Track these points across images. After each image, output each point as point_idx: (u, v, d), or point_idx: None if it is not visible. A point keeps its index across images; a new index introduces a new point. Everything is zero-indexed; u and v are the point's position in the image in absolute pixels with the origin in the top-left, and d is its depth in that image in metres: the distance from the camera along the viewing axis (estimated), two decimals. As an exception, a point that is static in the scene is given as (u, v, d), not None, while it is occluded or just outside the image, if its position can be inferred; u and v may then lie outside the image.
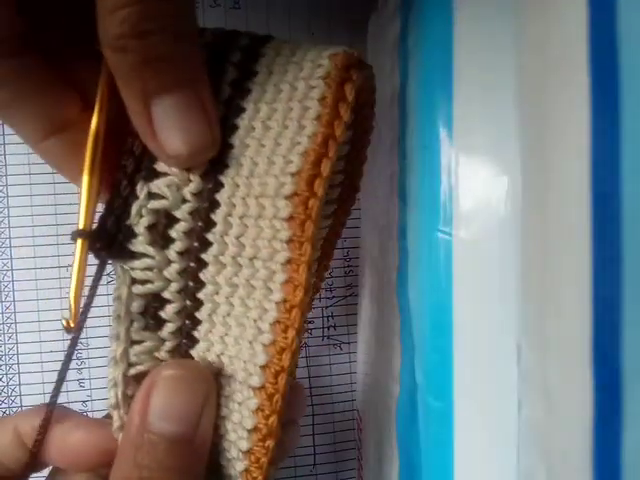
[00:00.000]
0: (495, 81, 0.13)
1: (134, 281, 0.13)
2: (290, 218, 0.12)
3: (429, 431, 0.14)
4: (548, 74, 0.11)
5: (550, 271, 0.11)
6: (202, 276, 0.13)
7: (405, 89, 0.16)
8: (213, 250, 0.13)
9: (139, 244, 0.13)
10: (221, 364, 0.13)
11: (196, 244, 0.13)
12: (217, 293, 0.13)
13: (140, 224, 0.13)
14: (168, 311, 0.13)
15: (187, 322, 0.14)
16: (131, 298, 0.13)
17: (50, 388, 0.22)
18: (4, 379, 0.22)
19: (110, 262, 0.13)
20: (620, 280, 0.09)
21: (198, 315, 0.13)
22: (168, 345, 0.14)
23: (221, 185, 0.13)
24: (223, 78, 0.13)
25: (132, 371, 0.13)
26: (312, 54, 0.13)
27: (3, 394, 0.22)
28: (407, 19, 0.17)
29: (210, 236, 0.13)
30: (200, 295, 0.13)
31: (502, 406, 0.13)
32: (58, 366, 0.23)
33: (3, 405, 0.22)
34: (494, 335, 0.13)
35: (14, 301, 0.22)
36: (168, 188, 0.13)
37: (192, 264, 0.13)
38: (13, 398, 0.22)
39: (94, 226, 0.13)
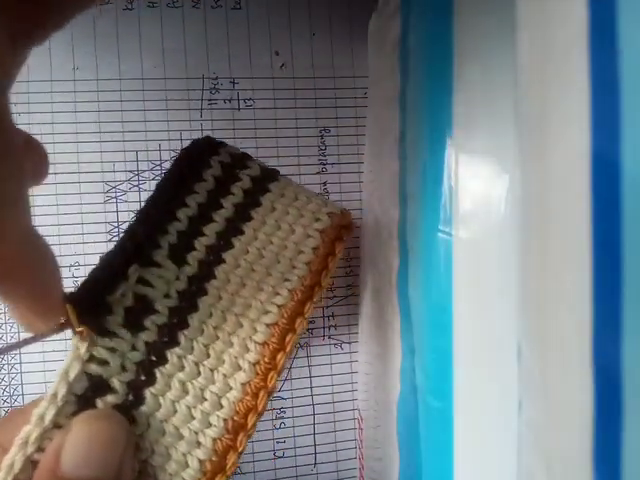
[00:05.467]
0: (495, 81, 0.13)
1: (91, 359, 0.13)
2: (264, 344, 0.13)
3: (429, 431, 0.14)
4: (548, 74, 0.11)
5: (550, 271, 0.11)
6: (157, 372, 0.13)
7: (405, 89, 0.16)
8: (178, 349, 0.13)
9: (113, 323, 0.13)
10: (145, 470, 0.13)
11: (165, 339, 0.13)
12: (163, 395, 0.13)
13: (120, 304, 0.13)
14: (107, 401, 0.13)
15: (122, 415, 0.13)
16: (79, 377, 0.13)
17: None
18: (6, 379, 0.22)
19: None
20: (620, 280, 0.09)
21: (135, 413, 0.13)
22: None
23: (205, 292, 0.14)
24: (229, 198, 0.15)
25: (37, 456, 0.12)
26: (313, 206, 0.15)
27: (5, 394, 0.22)
28: (408, 19, 0.17)
29: (181, 336, 0.13)
30: (146, 392, 0.13)
31: (502, 406, 0.13)
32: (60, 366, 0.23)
33: (5, 405, 0.22)
34: (494, 335, 0.13)
35: (16, 301, 0.22)
36: (158, 279, 0.14)
37: (153, 357, 0.13)
38: (15, 397, 0.22)
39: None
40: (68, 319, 0.12)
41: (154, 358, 0.13)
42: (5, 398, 0.22)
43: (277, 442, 0.24)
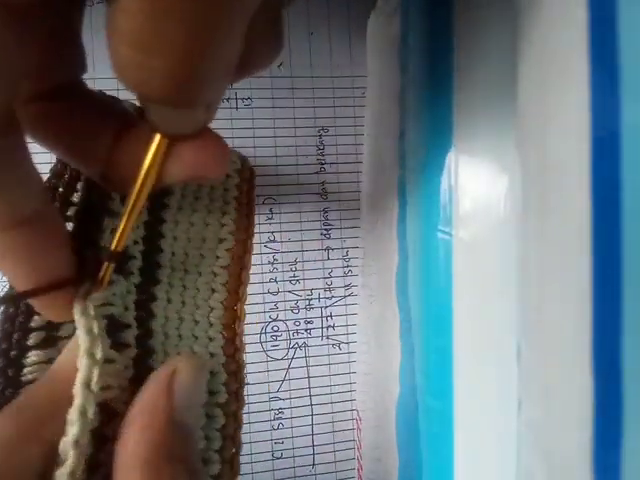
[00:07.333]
0: (495, 81, 0.13)
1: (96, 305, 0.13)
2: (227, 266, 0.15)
3: (429, 431, 0.14)
4: (548, 74, 0.11)
5: (550, 271, 0.11)
6: (153, 308, 0.14)
7: (405, 88, 0.16)
8: (160, 286, 0.14)
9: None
10: None
11: (146, 279, 0.14)
12: (164, 324, 0.14)
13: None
14: (130, 335, 0.13)
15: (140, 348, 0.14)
16: (98, 316, 0.13)
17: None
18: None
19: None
20: (620, 280, 0.09)
21: (150, 343, 0.14)
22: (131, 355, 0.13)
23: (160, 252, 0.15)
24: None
25: (104, 396, 0.12)
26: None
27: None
28: (407, 18, 0.17)
29: (159, 275, 0.15)
30: (152, 324, 0.14)
31: (502, 406, 0.13)
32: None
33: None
34: (494, 335, 0.13)
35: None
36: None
37: (144, 296, 0.14)
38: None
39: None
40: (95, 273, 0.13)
41: (145, 297, 0.14)
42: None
43: (275, 443, 0.24)
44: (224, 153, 0.12)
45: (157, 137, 0.11)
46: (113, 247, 0.13)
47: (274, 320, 0.24)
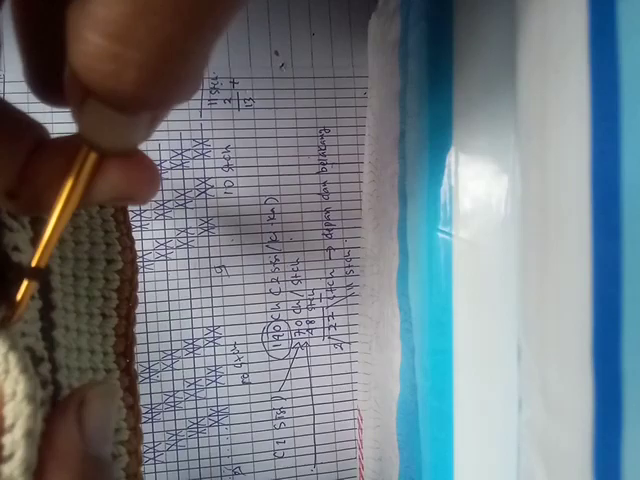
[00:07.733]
0: (495, 81, 0.13)
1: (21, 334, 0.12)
2: (119, 286, 0.14)
3: (429, 431, 0.14)
4: (548, 74, 0.11)
5: (550, 271, 0.11)
6: (55, 336, 0.13)
7: (405, 89, 0.17)
8: (56, 312, 0.13)
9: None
10: None
11: (45, 304, 0.13)
12: (67, 356, 0.13)
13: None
14: (45, 370, 0.12)
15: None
16: (25, 353, 0.11)
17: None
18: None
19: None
20: (620, 280, 0.09)
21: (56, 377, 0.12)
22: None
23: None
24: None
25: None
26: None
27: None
28: (407, 19, 0.17)
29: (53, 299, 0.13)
30: (55, 355, 0.13)
31: (502, 406, 0.13)
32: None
33: None
34: (494, 335, 0.13)
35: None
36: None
37: (46, 323, 0.13)
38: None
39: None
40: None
41: (47, 324, 0.13)
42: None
43: (277, 442, 0.24)
44: (156, 176, 0.11)
45: (85, 151, 0.10)
46: (34, 263, 0.11)
47: (276, 320, 0.24)
